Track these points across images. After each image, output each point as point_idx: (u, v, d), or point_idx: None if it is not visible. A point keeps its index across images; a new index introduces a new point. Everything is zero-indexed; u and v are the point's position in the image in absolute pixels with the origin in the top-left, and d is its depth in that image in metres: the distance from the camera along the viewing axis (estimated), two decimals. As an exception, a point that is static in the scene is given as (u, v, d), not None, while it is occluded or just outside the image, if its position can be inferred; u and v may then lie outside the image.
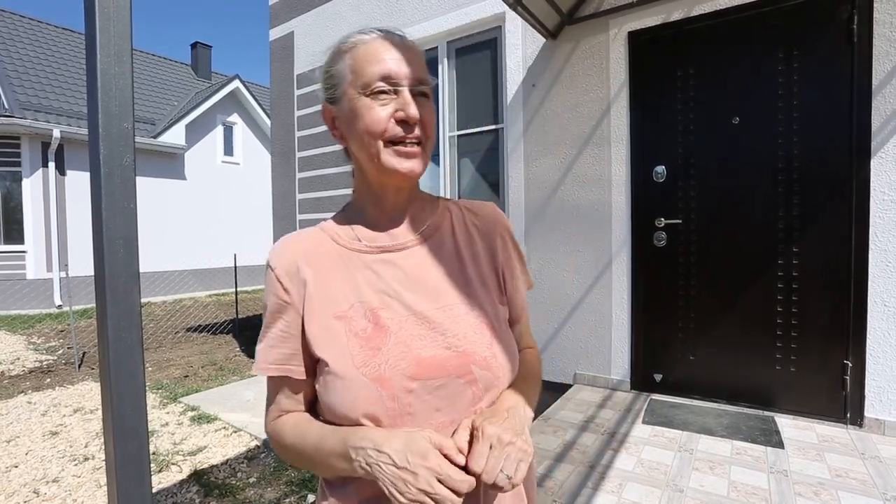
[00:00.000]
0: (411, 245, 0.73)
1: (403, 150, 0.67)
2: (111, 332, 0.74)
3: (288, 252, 0.71)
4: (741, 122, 2.45)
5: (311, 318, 0.68)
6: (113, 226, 0.73)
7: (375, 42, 0.68)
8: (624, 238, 2.73)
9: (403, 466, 0.56)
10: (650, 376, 2.71)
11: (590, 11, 2.82)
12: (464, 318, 0.69)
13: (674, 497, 1.68)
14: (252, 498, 2.82)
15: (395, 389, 0.63)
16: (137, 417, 0.77)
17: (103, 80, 0.71)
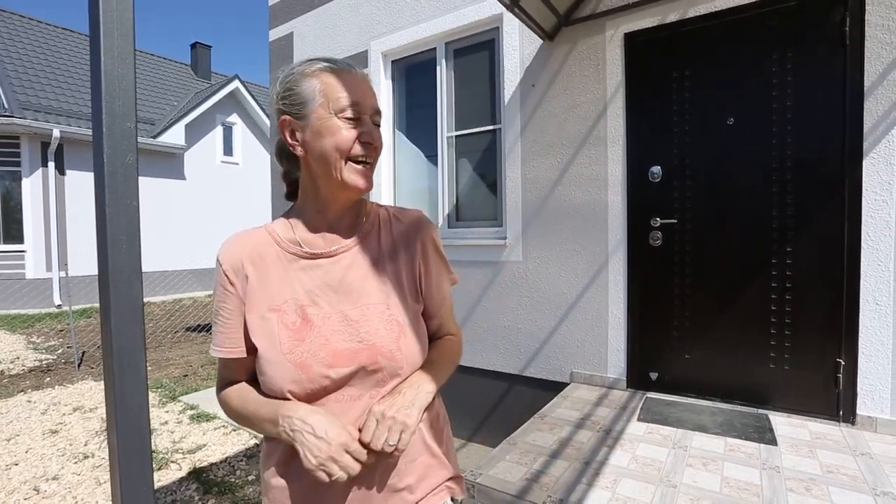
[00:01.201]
0: (342, 251, 0.85)
1: (362, 170, 0.81)
2: (114, 328, 0.76)
3: (235, 250, 0.85)
4: (736, 123, 2.48)
5: (250, 309, 0.82)
6: (116, 223, 0.75)
7: (343, 72, 0.81)
8: (620, 238, 2.75)
9: (321, 436, 0.72)
10: (646, 375, 2.74)
11: (586, 13, 2.84)
12: (378, 317, 0.82)
13: (667, 492, 1.70)
14: (251, 495, 2.84)
15: (314, 374, 0.78)
16: (140, 411, 0.79)
17: (107, 81, 0.73)
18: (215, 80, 14.22)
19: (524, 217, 3.11)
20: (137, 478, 0.78)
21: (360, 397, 0.80)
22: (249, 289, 0.82)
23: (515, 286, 3.15)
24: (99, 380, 5.19)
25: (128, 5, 0.75)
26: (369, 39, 3.87)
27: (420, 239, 0.90)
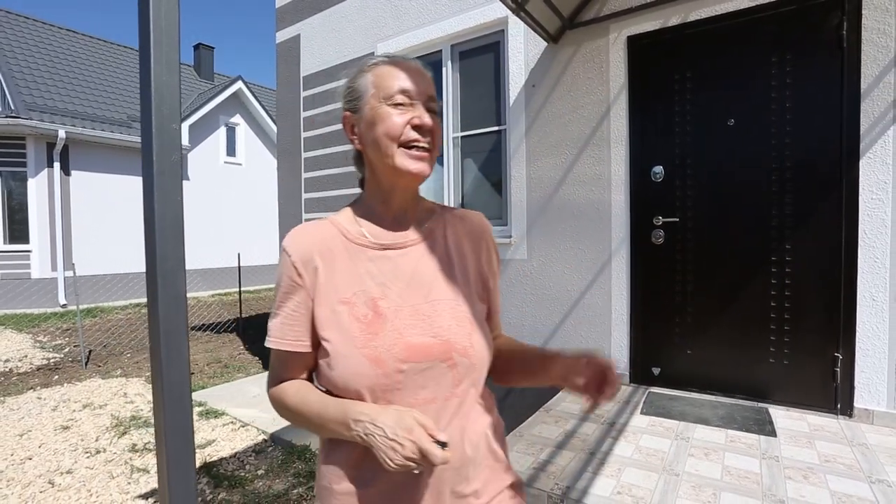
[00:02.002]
0: (410, 245, 0.84)
1: (415, 154, 0.78)
2: (161, 312, 0.82)
3: (304, 241, 0.82)
4: (736, 123, 2.54)
5: (319, 302, 0.79)
6: (163, 216, 0.82)
7: (396, 63, 0.81)
8: (623, 236, 2.82)
9: (393, 438, 0.68)
10: (649, 370, 2.80)
11: (590, 16, 2.91)
12: (449, 312, 0.80)
13: (670, 480, 1.76)
14: (261, 489, 2.90)
15: (388, 369, 0.74)
16: (183, 389, 0.86)
17: (156, 87, 0.79)
18: (218, 81, 14.31)
19: (529, 216, 3.17)
20: (182, 449, 0.84)
21: (434, 400, 0.77)
22: (319, 281, 0.79)
23: (520, 283, 3.21)
24: (107, 378, 5.25)
25: (174, 20, 0.81)
26: (375, 41, 3.94)
27: (485, 240, 0.91)
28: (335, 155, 4.29)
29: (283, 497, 2.78)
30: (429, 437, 0.68)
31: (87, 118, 9.79)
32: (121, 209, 10.31)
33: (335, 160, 4.29)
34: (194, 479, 0.91)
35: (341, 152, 4.24)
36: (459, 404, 0.79)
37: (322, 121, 4.38)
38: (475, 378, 0.82)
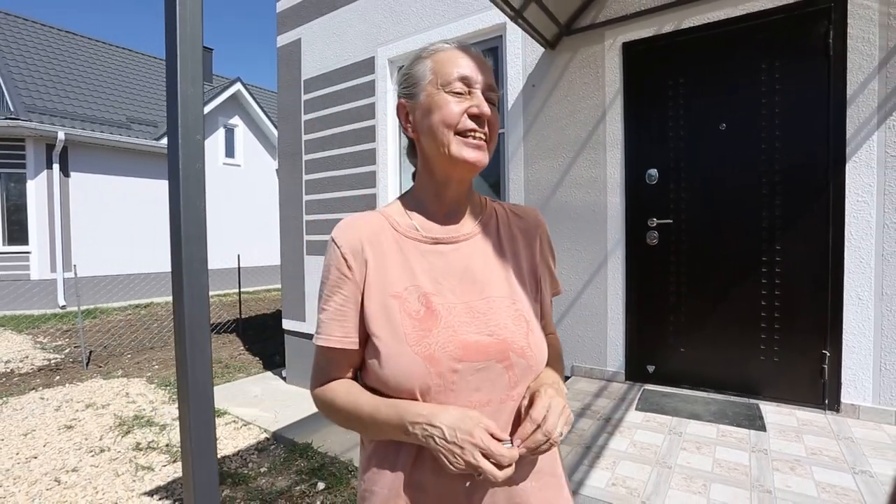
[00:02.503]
0: (462, 239, 0.81)
1: (472, 142, 0.74)
2: (186, 312, 0.89)
3: (354, 232, 0.78)
4: (728, 128, 2.62)
5: (369, 296, 0.75)
6: (187, 220, 0.88)
7: (456, 50, 0.78)
8: (619, 237, 2.89)
9: (453, 441, 0.64)
10: (643, 368, 2.87)
11: (587, 23, 2.98)
12: (504, 310, 0.76)
13: (662, 472, 1.83)
14: (264, 486, 2.95)
15: (443, 368, 0.70)
16: (206, 381, 0.92)
17: (182, 100, 0.86)
18: (217, 82, 14.35)
19: (526, 218, 3.23)
20: (205, 437, 0.91)
21: (490, 402, 0.73)
22: (369, 274, 0.75)
23: (518, 284, 3.27)
24: (108, 378, 5.29)
25: (198, 37, 0.88)
26: (376, 46, 4.01)
27: (539, 236, 0.88)
28: (336, 157, 4.35)
29: (286, 493, 2.84)
30: (492, 439, 0.64)
31: (86, 120, 9.82)
32: (120, 210, 10.34)
33: (336, 163, 4.36)
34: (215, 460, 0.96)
35: (343, 155, 4.30)
36: (516, 408, 0.74)
37: (322, 124, 4.44)
38: (531, 381, 0.76)
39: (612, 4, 2.90)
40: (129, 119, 10.72)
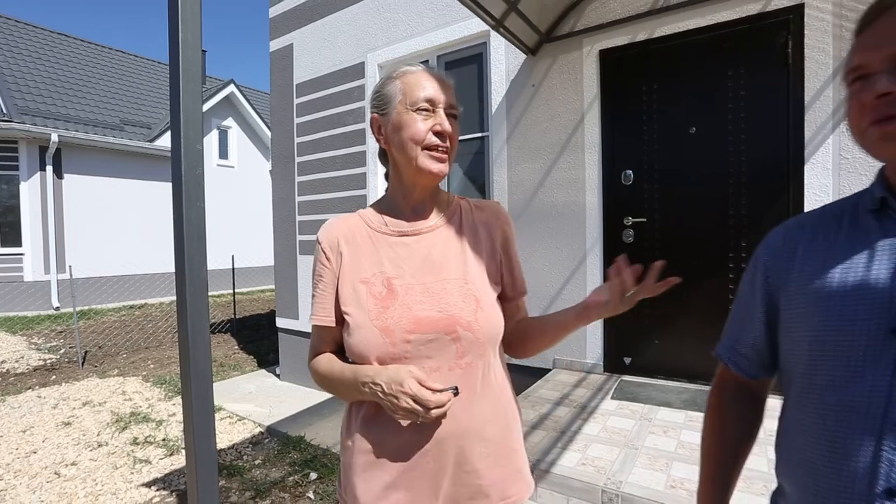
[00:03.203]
0: (426, 231, 0.94)
1: (436, 155, 0.87)
2: (189, 301, 1.01)
3: (332, 231, 0.94)
4: (697, 131, 2.77)
5: (343, 282, 0.90)
6: (189, 219, 1.01)
7: (422, 72, 0.90)
8: (597, 235, 3.03)
9: (390, 392, 0.79)
10: (621, 360, 3.01)
11: (566, 31, 3.12)
12: (457, 290, 0.88)
13: (629, 453, 1.98)
14: (258, 477, 3.07)
15: (396, 339, 0.84)
16: (206, 364, 1.05)
17: (185, 115, 0.98)
18: (210, 84, 14.39)
19: (511, 217, 3.37)
20: (204, 415, 1.03)
21: (439, 369, 0.84)
22: (343, 264, 0.91)
23: (502, 281, 3.41)
24: (104, 377, 5.37)
25: (197, 58, 1.00)
26: (366, 52, 4.13)
27: (501, 227, 0.98)
28: (328, 160, 4.47)
29: (280, 483, 2.95)
30: (420, 387, 0.77)
31: (79, 122, 9.86)
32: (113, 212, 10.37)
33: (327, 165, 4.48)
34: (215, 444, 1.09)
35: (334, 157, 4.42)
36: (464, 375, 0.85)
37: (314, 127, 4.56)
38: (481, 352, 0.87)
39: (589, 13, 3.04)
40: (122, 121, 10.76)
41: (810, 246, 0.67)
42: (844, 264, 0.61)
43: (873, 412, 0.55)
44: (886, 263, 0.57)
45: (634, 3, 2.89)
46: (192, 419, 1.01)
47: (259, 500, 2.79)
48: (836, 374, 0.59)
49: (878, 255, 0.58)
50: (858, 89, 0.58)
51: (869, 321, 0.57)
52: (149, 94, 12.37)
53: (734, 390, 0.83)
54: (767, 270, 0.74)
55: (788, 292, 0.68)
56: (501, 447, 0.90)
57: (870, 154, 0.61)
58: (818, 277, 0.63)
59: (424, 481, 0.85)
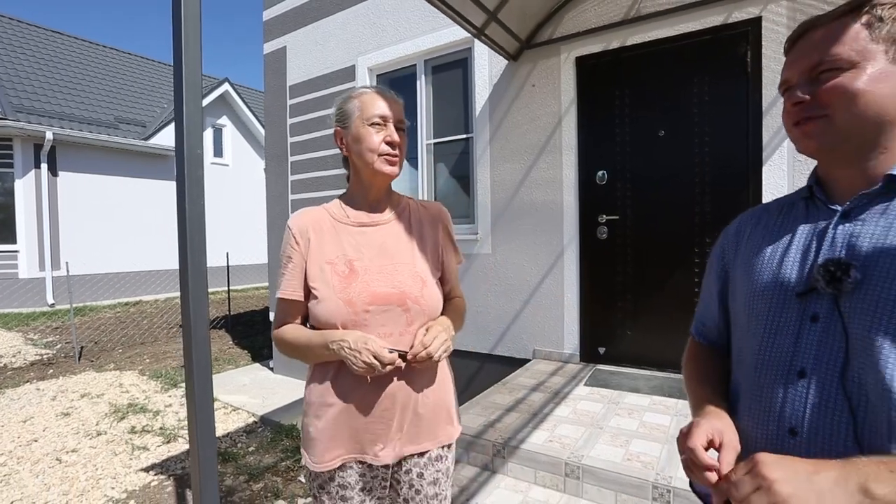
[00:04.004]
0: (381, 223, 1.14)
1: (389, 160, 1.09)
2: (191, 288, 1.17)
3: (302, 220, 1.11)
4: (666, 134, 2.95)
5: (311, 263, 1.08)
6: (192, 216, 1.16)
7: (375, 93, 1.11)
8: (573, 232, 3.21)
9: (355, 348, 0.97)
10: (596, 350, 3.19)
11: (544, 39, 3.29)
12: (406, 272, 1.09)
13: (594, 432, 2.15)
14: (252, 463, 3.22)
15: (357, 309, 1.03)
16: (205, 348, 1.20)
17: (188, 123, 1.14)
18: (205, 82, 14.42)
19: (493, 214, 3.55)
20: (205, 392, 1.19)
21: (392, 334, 1.04)
22: (311, 248, 1.08)
23: (485, 275, 3.59)
24: (101, 371, 5.49)
25: (198, 74, 1.16)
26: (356, 55, 4.28)
27: (441, 223, 1.20)
28: (320, 159, 4.62)
29: (273, 468, 3.11)
30: (380, 346, 0.97)
31: (74, 119, 9.92)
32: (108, 210, 10.45)
33: (320, 164, 4.62)
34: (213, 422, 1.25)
35: (325, 157, 4.57)
36: (411, 340, 1.03)
37: (307, 127, 4.71)
38: (425, 322, 1.07)
39: (566, 22, 3.21)
40: (117, 119, 10.82)
41: (755, 230, 0.82)
42: (774, 243, 0.76)
43: (783, 363, 0.68)
44: (802, 242, 0.72)
45: (608, 13, 3.06)
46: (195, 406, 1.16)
47: (253, 483, 2.94)
48: (760, 333, 0.73)
49: (798, 235, 0.73)
50: (786, 99, 0.73)
51: (783, 288, 0.71)
52: (143, 91, 12.43)
53: (705, 349, 0.94)
54: (724, 251, 0.87)
55: (735, 267, 0.83)
56: (438, 399, 1.12)
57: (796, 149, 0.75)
58: (754, 254, 0.78)
59: (381, 425, 1.05)
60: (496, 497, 1.92)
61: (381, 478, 1.11)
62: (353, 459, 1.07)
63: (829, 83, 0.67)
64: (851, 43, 0.65)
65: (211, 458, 1.22)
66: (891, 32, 0.64)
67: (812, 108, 0.69)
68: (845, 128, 0.67)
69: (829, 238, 0.69)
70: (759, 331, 0.73)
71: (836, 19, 0.67)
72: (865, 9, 0.65)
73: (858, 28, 0.65)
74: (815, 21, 0.70)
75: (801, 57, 0.71)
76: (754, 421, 0.73)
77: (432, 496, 1.14)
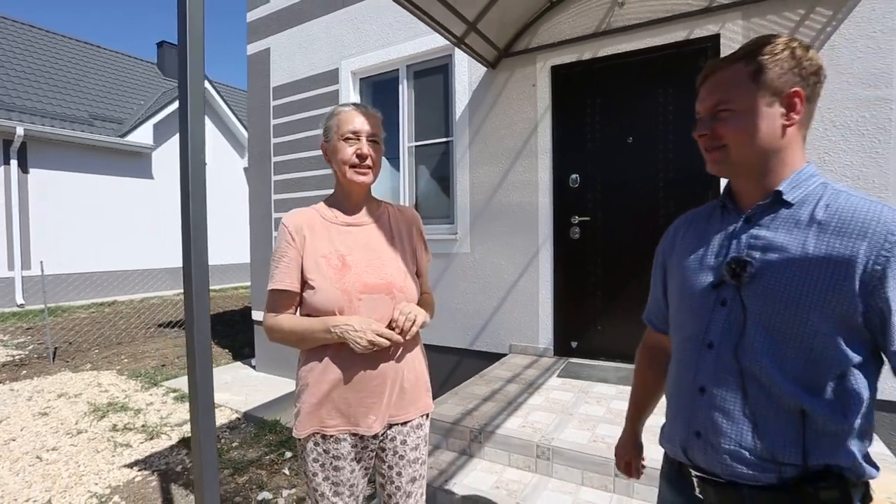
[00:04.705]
0: (365, 224, 1.31)
1: (360, 171, 1.25)
2: (194, 281, 1.28)
3: (297, 219, 1.25)
4: (634, 141, 3.14)
5: (307, 257, 1.22)
6: (195, 212, 1.27)
7: (352, 111, 1.26)
8: (548, 232, 3.38)
9: (360, 329, 1.12)
10: (569, 344, 3.37)
11: (522, 47, 3.46)
12: (392, 265, 1.27)
13: (564, 418, 2.31)
14: (236, 458, 3.29)
15: (352, 297, 1.19)
16: (206, 340, 1.31)
17: (192, 131, 1.25)
18: (182, 79, 14.21)
19: (472, 215, 3.70)
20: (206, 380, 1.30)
21: (382, 319, 1.19)
22: (306, 244, 1.22)
23: (464, 274, 3.74)
24: (77, 371, 5.43)
25: (200, 83, 1.27)
26: (340, 59, 4.38)
27: (416, 225, 1.39)
28: (304, 160, 4.70)
29: (257, 462, 3.19)
30: (381, 326, 1.14)
31: (46, 115, 9.70)
32: (82, 208, 10.23)
33: (303, 165, 4.70)
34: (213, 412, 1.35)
35: (310, 158, 4.65)
36: None
37: (290, 128, 4.78)
38: None
39: (542, 33, 3.39)
40: (91, 115, 10.61)
41: (687, 231, 0.99)
42: (699, 243, 0.93)
43: (699, 338, 0.86)
44: (718, 242, 0.89)
45: (581, 26, 3.24)
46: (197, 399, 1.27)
47: (238, 477, 3.02)
48: (685, 317, 0.91)
49: (715, 237, 0.90)
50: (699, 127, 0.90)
51: (703, 280, 0.88)
52: (119, 88, 12.19)
53: (653, 346, 1.17)
54: (664, 249, 1.06)
55: (671, 265, 1.00)
56: (419, 374, 1.30)
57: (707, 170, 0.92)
58: (683, 254, 0.95)
59: (373, 399, 1.20)
60: (473, 478, 2.06)
61: (370, 448, 1.25)
62: (347, 431, 1.21)
63: (723, 122, 0.84)
64: (740, 88, 0.82)
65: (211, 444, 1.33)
66: (768, 80, 0.80)
67: (713, 141, 0.86)
68: (737, 156, 0.84)
69: (735, 240, 0.86)
70: (685, 313, 0.92)
71: (733, 63, 0.84)
72: (753, 58, 0.82)
73: (746, 75, 0.82)
74: (719, 63, 0.87)
75: (707, 95, 0.88)
76: (678, 383, 0.91)
77: (413, 460, 1.30)
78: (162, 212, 11.39)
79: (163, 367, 5.64)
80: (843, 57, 2.55)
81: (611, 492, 1.93)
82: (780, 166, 0.83)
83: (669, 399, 0.96)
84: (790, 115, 0.80)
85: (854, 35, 2.52)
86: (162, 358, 6.09)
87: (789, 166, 0.83)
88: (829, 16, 2.58)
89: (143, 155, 11.21)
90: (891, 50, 2.45)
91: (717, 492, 0.83)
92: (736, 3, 2.79)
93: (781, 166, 0.83)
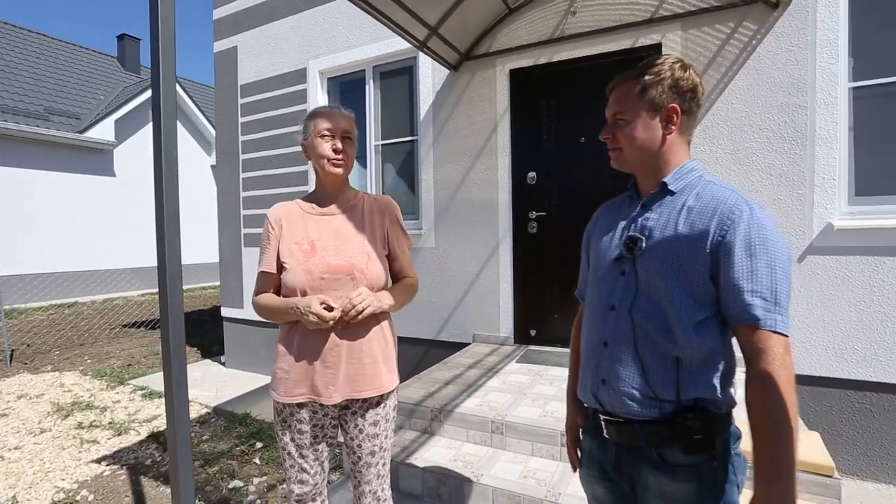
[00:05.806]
0: (338, 213, 1.47)
1: (335, 163, 1.40)
2: (168, 277, 1.39)
3: (277, 211, 1.45)
4: (586, 141, 3.37)
5: (283, 244, 1.41)
6: (168, 211, 1.38)
7: (328, 112, 1.42)
8: (507, 227, 3.58)
9: (306, 310, 1.29)
10: (528, 332, 3.58)
11: (482, 51, 3.64)
12: (356, 249, 1.42)
13: (519, 398, 2.50)
14: (207, 450, 3.35)
15: (315, 277, 1.35)
16: (180, 335, 1.42)
17: (164, 130, 1.36)
18: (145, 73, 13.84)
19: (436, 211, 3.86)
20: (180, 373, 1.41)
21: (342, 297, 1.34)
22: (283, 232, 1.41)
23: (430, 267, 3.90)
24: (37, 373, 5.32)
25: (172, 86, 1.38)
26: (308, 59, 4.46)
27: (389, 211, 1.51)
28: (271, 157, 4.75)
29: (227, 454, 3.26)
30: (321, 308, 1.29)
31: (7, 111, 9.30)
32: (39, 207, 9.86)
33: (271, 162, 4.75)
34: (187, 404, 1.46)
35: (279, 155, 4.71)
36: None
37: (258, 126, 4.82)
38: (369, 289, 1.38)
39: (501, 38, 3.57)
40: (46, 110, 10.22)
41: (603, 217, 1.20)
42: (609, 227, 1.13)
43: (604, 302, 1.05)
44: (621, 226, 1.08)
45: (537, 32, 3.45)
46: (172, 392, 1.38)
47: (208, 468, 3.08)
48: (596, 284, 1.10)
49: (620, 221, 1.10)
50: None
51: (609, 255, 1.07)
52: (77, 82, 11.77)
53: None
54: (588, 234, 1.25)
55: (591, 244, 1.20)
56: (380, 355, 1.42)
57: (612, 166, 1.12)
58: (599, 235, 1.15)
59: (331, 370, 1.36)
60: (433, 454, 2.23)
61: (330, 416, 1.41)
62: (310, 400, 1.37)
63: (619, 128, 1.05)
64: (632, 102, 1.02)
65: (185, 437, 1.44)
66: (650, 97, 0.99)
67: (613, 143, 1.07)
68: (630, 157, 1.05)
69: (633, 223, 1.05)
70: (596, 284, 1.11)
71: (629, 80, 1.03)
72: (642, 76, 1.01)
73: (636, 91, 1.01)
74: (623, 77, 1.06)
75: (611, 104, 1.07)
76: (588, 340, 1.11)
77: (373, 435, 1.44)
78: (125, 210, 11.08)
79: (129, 367, 5.58)
80: (767, 67, 2.83)
81: (557, 460, 2.13)
82: (664, 165, 1.03)
83: (583, 354, 1.14)
84: (669, 126, 1.00)
85: (775, 48, 2.80)
86: (128, 358, 6.00)
87: (673, 165, 1.03)
88: (754, 30, 2.85)
89: (104, 152, 10.88)
90: (807, 62, 2.74)
91: (617, 429, 1.02)
92: (676, 15, 3.04)
93: (665, 165, 1.03)
